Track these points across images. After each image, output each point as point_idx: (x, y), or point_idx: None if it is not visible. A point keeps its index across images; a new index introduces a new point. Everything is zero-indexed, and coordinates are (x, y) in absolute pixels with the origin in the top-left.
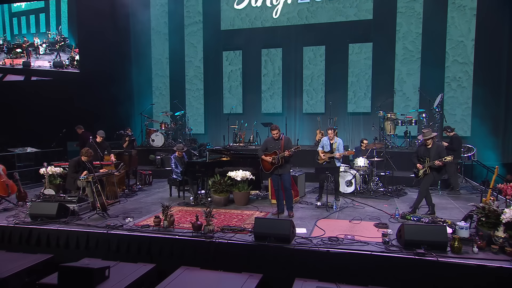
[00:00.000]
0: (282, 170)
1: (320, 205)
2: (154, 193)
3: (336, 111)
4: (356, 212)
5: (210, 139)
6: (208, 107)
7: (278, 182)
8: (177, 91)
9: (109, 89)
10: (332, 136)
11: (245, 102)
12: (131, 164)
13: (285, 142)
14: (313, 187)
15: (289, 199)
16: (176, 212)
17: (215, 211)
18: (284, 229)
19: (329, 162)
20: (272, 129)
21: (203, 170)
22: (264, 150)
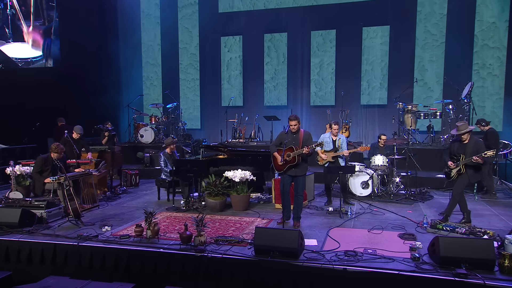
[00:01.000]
0: (298, 170)
1: (332, 211)
2: (140, 196)
3: (348, 103)
4: (375, 219)
5: (206, 135)
6: (205, 99)
7: (288, 184)
8: (170, 81)
9: (93, 78)
10: (337, 131)
11: (245, 94)
12: (114, 163)
13: (304, 137)
14: (323, 190)
15: (299, 207)
16: (163, 219)
17: (209, 218)
18: (291, 241)
19: (333, 162)
20: (290, 120)
21: (196, 169)
22: (278, 145)
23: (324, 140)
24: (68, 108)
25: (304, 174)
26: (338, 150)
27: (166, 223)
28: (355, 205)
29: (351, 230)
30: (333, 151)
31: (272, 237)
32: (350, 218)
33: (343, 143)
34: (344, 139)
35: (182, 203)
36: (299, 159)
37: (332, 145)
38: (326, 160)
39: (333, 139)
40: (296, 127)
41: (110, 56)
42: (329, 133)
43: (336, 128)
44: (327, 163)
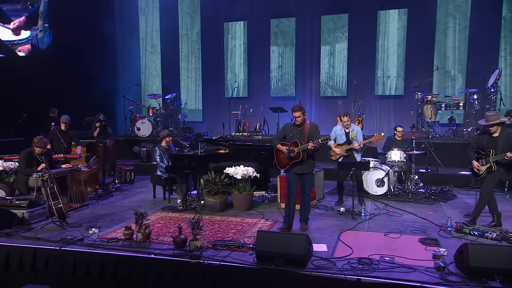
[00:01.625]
0: (304, 167)
1: (344, 211)
2: (134, 194)
3: (361, 93)
4: (392, 221)
5: (208, 128)
6: (207, 90)
7: (295, 183)
8: (169, 70)
9: (86, 66)
10: (348, 123)
11: (250, 84)
12: (106, 158)
13: (310, 130)
14: (334, 188)
15: (306, 208)
16: (157, 220)
17: (208, 219)
18: (297, 247)
19: (348, 157)
20: (293, 111)
21: (194, 165)
22: (281, 138)
23: (337, 133)
24: (59, 98)
25: (311, 172)
26: (352, 142)
27: (160, 224)
28: (369, 205)
29: (365, 234)
30: (347, 144)
31: (276, 242)
32: (363, 219)
33: (358, 134)
34: (359, 129)
35: (179, 203)
36: (303, 156)
37: (346, 138)
38: (340, 154)
39: (346, 131)
40: (300, 119)
41: (105, 42)
42: (341, 125)
43: (346, 120)
44: (341, 158)
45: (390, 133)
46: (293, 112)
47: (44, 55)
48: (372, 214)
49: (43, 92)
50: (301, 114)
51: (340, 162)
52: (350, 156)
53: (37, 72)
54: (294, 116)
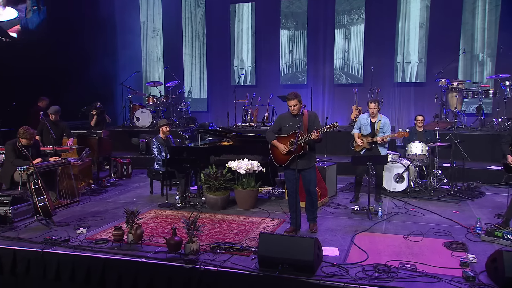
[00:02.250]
0: (304, 163)
1: (359, 210)
2: (131, 189)
3: (378, 80)
4: (413, 221)
5: (214, 119)
6: (212, 77)
7: (294, 182)
8: (172, 56)
9: (82, 51)
10: (375, 112)
11: (259, 71)
12: (101, 150)
13: (310, 119)
14: (348, 183)
15: (312, 207)
16: (152, 219)
17: (208, 218)
18: (305, 251)
19: (370, 149)
20: (288, 99)
21: (193, 159)
22: (277, 131)
23: (361, 122)
24: (52, 85)
25: (312, 167)
26: (377, 135)
27: (155, 223)
28: (387, 203)
29: (382, 236)
30: (371, 136)
31: (281, 245)
32: (380, 219)
33: (385, 127)
34: (387, 121)
35: (177, 199)
36: (305, 148)
37: (370, 129)
38: (362, 146)
39: (372, 121)
40: (296, 108)
41: (103, 25)
42: (368, 113)
43: (373, 108)
44: (364, 150)
45: (410, 124)
46: (288, 101)
47: (35, 38)
48: (390, 214)
49: (35, 78)
50: (296, 102)
51: (355, 156)
52: (373, 149)
53: (27, 56)
54: (288, 106)
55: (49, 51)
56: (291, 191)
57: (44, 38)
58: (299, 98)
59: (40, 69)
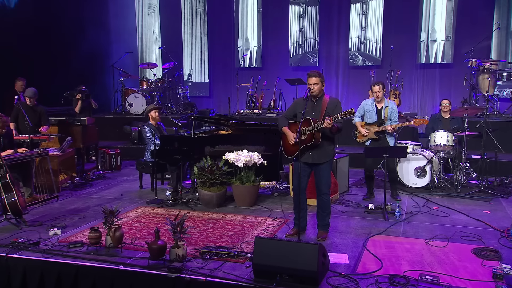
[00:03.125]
0: (318, 155)
1: (373, 209)
2: (118, 182)
3: (399, 62)
4: (436, 222)
5: (216, 105)
6: (215, 58)
7: (304, 177)
8: (169, 35)
9: (68, 26)
10: (381, 96)
11: (265, 52)
12: (86, 139)
13: (329, 106)
14: (362, 177)
15: (324, 211)
16: (138, 218)
17: (201, 217)
18: (307, 260)
19: (378, 140)
20: (309, 77)
21: (185, 150)
22: (291, 117)
23: (366, 109)
24: (31, 66)
25: (328, 161)
26: (384, 123)
27: (140, 223)
28: (406, 201)
29: (400, 240)
30: (377, 124)
31: (279, 252)
32: (398, 220)
33: (393, 113)
34: (394, 107)
35: (168, 195)
36: (317, 138)
37: (376, 116)
38: (367, 136)
39: (378, 107)
40: (317, 88)
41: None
42: (372, 99)
43: (378, 91)
44: (369, 141)
45: (434, 110)
46: (308, 78)
47: (13, 14)
48: (410, 213)
49: (13, 59)
50: (318, 81)
51: (368, 147)
52: (381, 139)
53: (3, 34)
54: (308, 84)
55: (28, 29)
56: (296, 187)
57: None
58: (322, 78)
59: (19, 49)
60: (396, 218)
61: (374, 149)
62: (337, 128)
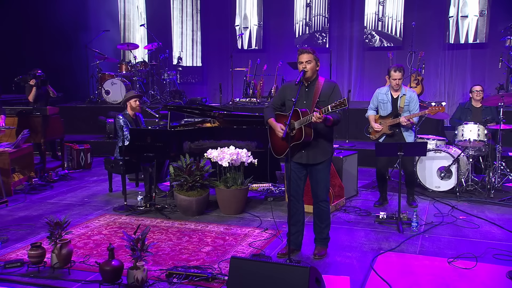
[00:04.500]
0: (311, 154)
1: (385, 218)
2: (86, 184)
3: (422, 41)
4: (462, 236)
5: (210, 92)
6: (209, 39)
7: (298, 181)
8: (156, 11)
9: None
10: (400, 84)
11: (267, 31)
12: (48, 132)
13: (324, 92)
14: (374, 178)
15: (323, 222)
16: (99, 229)
17: (175, 228)
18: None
19: (392, 136)
20: (299, 54)
21: (160, 146)
22: (278, 107)
23: (379, 99)
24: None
25: (325, 161)
26: (401, 115)
27: (101, 236)
28: (427, 208)
29: (416, 259)
30: (392, 117)
31: (260, 277)
32: (415, 233)
33: (412, 103)
34: (414, 96)
35: (140, 200)
36: (308, 134)
37: (391, 107)
38: (381, 132)
39: (393, 97)
40: (310, 67)
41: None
42: (388, 86)
43: (398, 78)
44: (383, 137)
45: (465, 98)
46: (299, 55)
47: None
48: (430, 224)
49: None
50: (311, 58)
51: (380, 143)
52: (396, 135)
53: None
54: (300, 67)
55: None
56: (291, 193)
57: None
58: (315, 57)
59: None
60: (413, 230)
61: (386, 145)
62: (333, 120)
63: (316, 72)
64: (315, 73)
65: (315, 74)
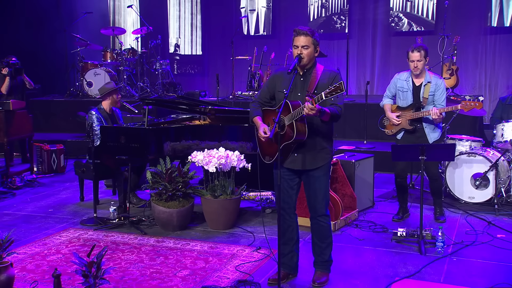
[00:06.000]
0: (307, 158)
1: (404, 236)
2: (54, 191)
3: (458, 25)
4: (500, 260)
5: (211, 85)
6: (210, 24)
7: (293, 189)
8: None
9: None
10: (421, 68)
11: (276, 14)
12: (12, 131)
13: (322, 80)
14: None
15: (323, 241)
16: (59, 247)
17: (151, 246)
18: None
19: (413, 132)
20: (295, 35)
21: (135, 147)
22: (267, 100)
23: (398, 85)
24: None
25: (324, 165)
26: (423, 107)
27: (59, 256)
28: (456, 222)
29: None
30: (412, 109)
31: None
32: (440, 255)
33: (438, 93)
34: (441, 84)
35: (112, 212)
36: (301, 131)
37: (412, 97)
38: (399, 126)
39: (415, 84)
40: (307, 53)
41: None
42: (409, 72)
43: (416, 59)
44: (402, 133)
45: (509, 91)
46: (295, 37)
47: None
48: (460, 243)
49: None
50: (309, 42)
51: (396, 146)
52: (418, 131)
53: None
54: (295, 52)
55: None
56: (282, 206)
57: None
58: (315, 40)
59: None
60: (437, 252)
61: (404, 148)
62: (331, 114)
63: (313, 59)
64: (312, 60)
65: (312, 61)
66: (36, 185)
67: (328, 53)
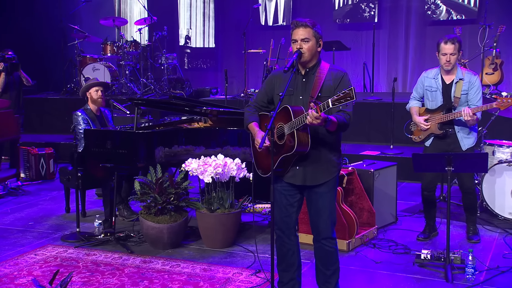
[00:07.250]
0: (310, 172)
1: (429, 259)
2: (39, 201)
3: (503, 13)
4: None
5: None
6: (224, 14)
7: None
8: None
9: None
10: (453, 63)
11: (298, 2)
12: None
13: (327, 82)
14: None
15: (328, 268)
16: (32, 267)
17: (136, 267)
18: None
19: (443, 138)
20: (294, 27)
21: (123, 153)
22: (265, 105)
23: (425, 85)
24: None
25: (329, 181)
26: (455, 108)
27: (29, 279)
28: (494, 245)
29: None
30: (442, 111)
31: None
32: (470, 283)
33: (472, 91)
34: (475, 81)
35: (97, 226)
36: (303, 142)
37: (442, 97)
38: (428, 131)
39: (445, 82)
40: (308, 47)
41: None
42: (438, 68)
43: (450, 52)
44: (431, 139)
45: None
46: (294, 29)
47: None
48: (495, 269)
49: None
50: (310, 35)
51: (417, 155)
52: (449, 137)
53: None
54: (294, 46)
55: None
56: (279, 226)
57: None
58: (317, 33)
59: None
60: (467, 279)
61: (427, 157)
62: (338, 124)
63: (316, 55)
64: (315, 57)
65: (315, 58)
66: (20, 193)
67: (355, 46)
